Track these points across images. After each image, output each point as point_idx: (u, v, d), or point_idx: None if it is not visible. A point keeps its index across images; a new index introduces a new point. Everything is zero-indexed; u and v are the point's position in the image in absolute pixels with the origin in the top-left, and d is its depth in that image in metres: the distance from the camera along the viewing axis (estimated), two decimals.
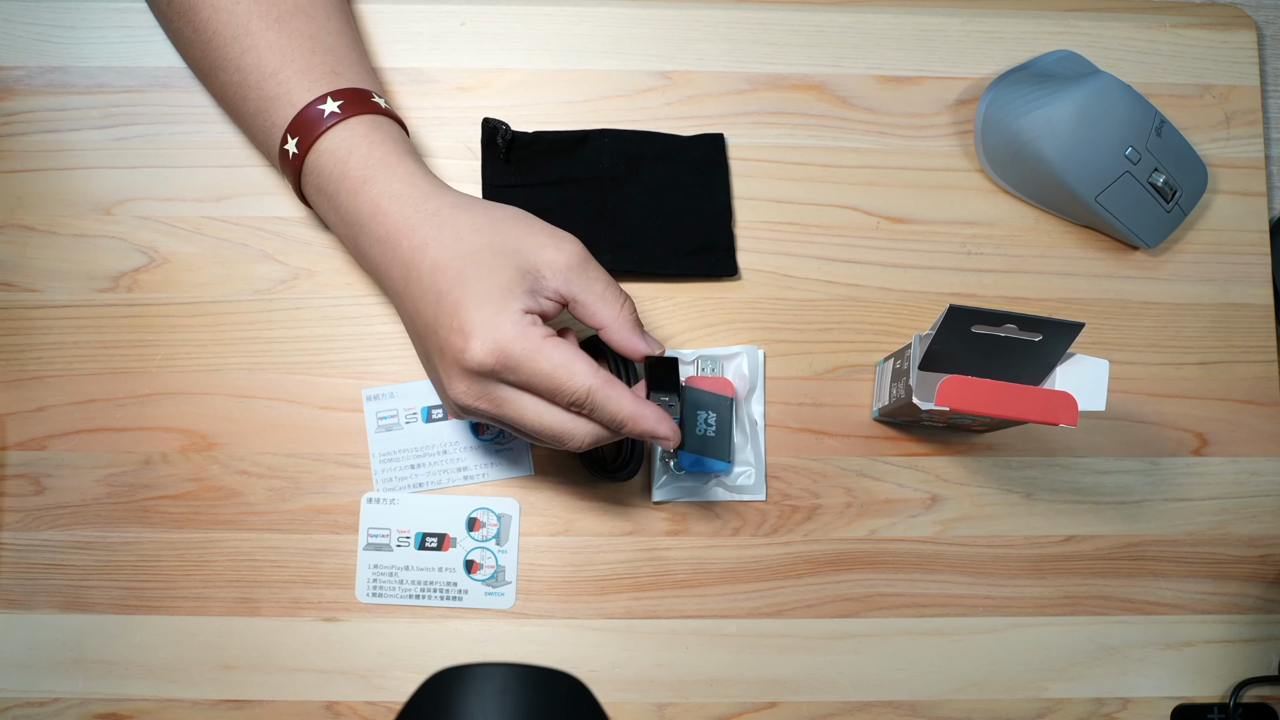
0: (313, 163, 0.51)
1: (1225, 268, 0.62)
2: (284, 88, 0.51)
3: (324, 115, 0.50)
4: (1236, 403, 0.62)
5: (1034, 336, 0.50)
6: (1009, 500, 0.60)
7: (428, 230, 0.48)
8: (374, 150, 0.50)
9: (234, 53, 0.52)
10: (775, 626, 0.58)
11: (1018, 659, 0.59)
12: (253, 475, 0.58)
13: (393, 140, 0.51)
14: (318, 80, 0.51)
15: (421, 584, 0.58)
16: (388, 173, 0.49)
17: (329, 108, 0.50)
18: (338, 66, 0.52)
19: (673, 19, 0.62)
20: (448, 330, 0.46)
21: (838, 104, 0.62)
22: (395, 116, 0.53)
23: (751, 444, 0.59)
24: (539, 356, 0.46)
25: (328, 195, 0.51)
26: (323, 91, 0.51)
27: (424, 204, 0.49)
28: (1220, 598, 0.60)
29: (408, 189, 0.49)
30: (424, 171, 0.50)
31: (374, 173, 0.49)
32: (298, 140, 0.50)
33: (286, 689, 0.57)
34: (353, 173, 0.50)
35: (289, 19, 0.52)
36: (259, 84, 0.52)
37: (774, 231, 0.61)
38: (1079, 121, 0.58)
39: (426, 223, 0.48)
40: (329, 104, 0.50)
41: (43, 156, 0.59)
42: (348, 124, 0.50)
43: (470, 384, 0.47)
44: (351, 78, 0.52)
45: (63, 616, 0.57)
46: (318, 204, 0.52)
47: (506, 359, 0.46)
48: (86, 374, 0.58)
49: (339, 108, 0.50)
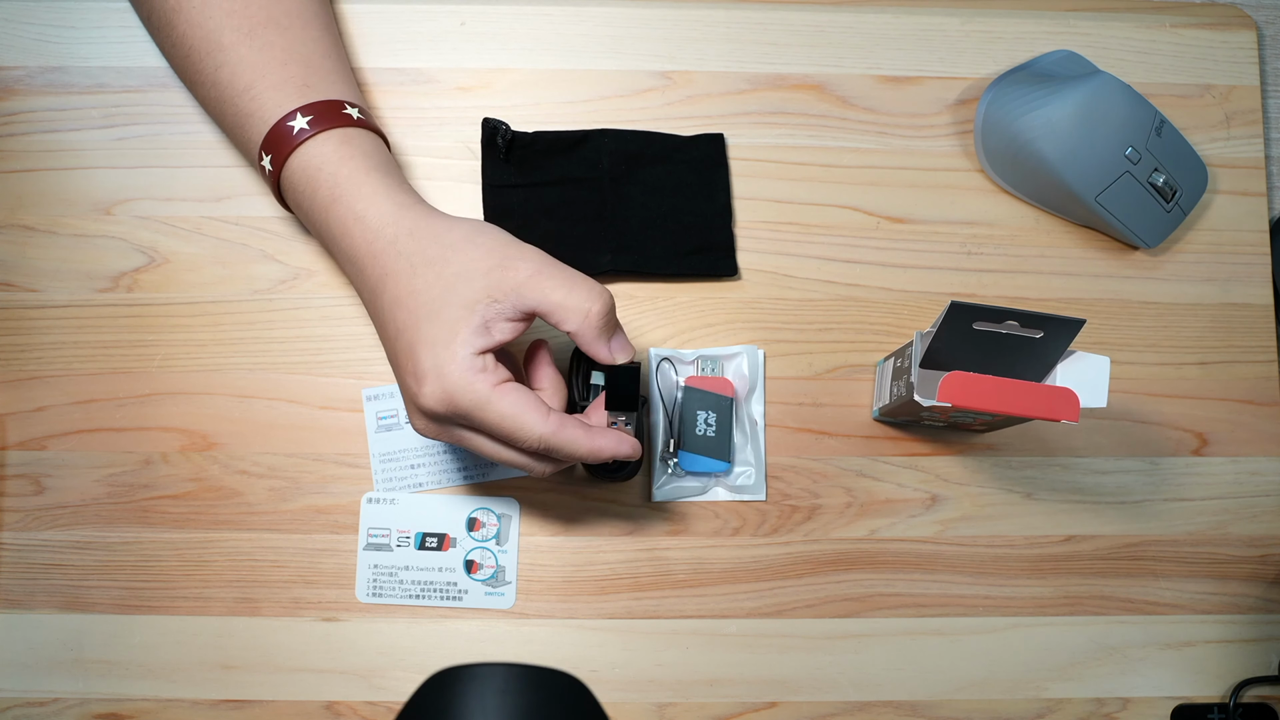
0: (287, 179, 0.51)
1: (1225, 268, 0.62)
2: (256, 103, 0.51)
3: (294, 132, 0.50)
4: (1236, 403, 0.62)
5: (1035, 333, 0.50)
6: (1009, 500, 0.60)
7: (387, 260, 0.48)
8: (341, 167, 0.50)
9: (209, 68, 0.52)
10: (775, 626, 0.58)
11: (1018, 659, 0.59)
12: (253, 475, 0.58)
13: (362, 155, 0.50)
14: (289, 95, 0.51)
15: (421, 584, 0.58)
16: (353, 191, 0.49)
17: (298, 124, 0.50)
18: (310, 79, 0.52)
19: (673, 19, 0.62)
20: (404, 371, 0.48)
21: (838, 104, 0.62)
22: (371, 126, 0.52)
23: (751, 444, 0.59)
24: (487, 408, 0.46)
25: (304, 211, 0.51)
26: (292, 107, 0.50)
27: (384, 229, 0.48)
28: (1220, 598, 0.60)
29: (372, 210, 0.49)
30: (390, 187, 0.50)
31: (340, 191, 0.49)
32: (271, 157, 0.51)
33: (286, 689, 0.57)
34: (321, 191, 0.50)
35: (261, 31, 0.52)
36: (233, 100, 0.52)
37: (774, 231, 0.61)
38: (1079, 121, 0.58)
39: (386, 250, 0.48)
40: (298, 120, 0.50)
41: (43, 156, 0.59)
42: (317, 140, 0.50)
43: (427, 423, 0.48)
44: (325, 89, 0.52)
45: (63, 616, 0.57)
46: (299, 216, 0.53)
47: (455, 408, 0.46)
48: (86, 374, 0.58)
49: (308, 124, 0.50)
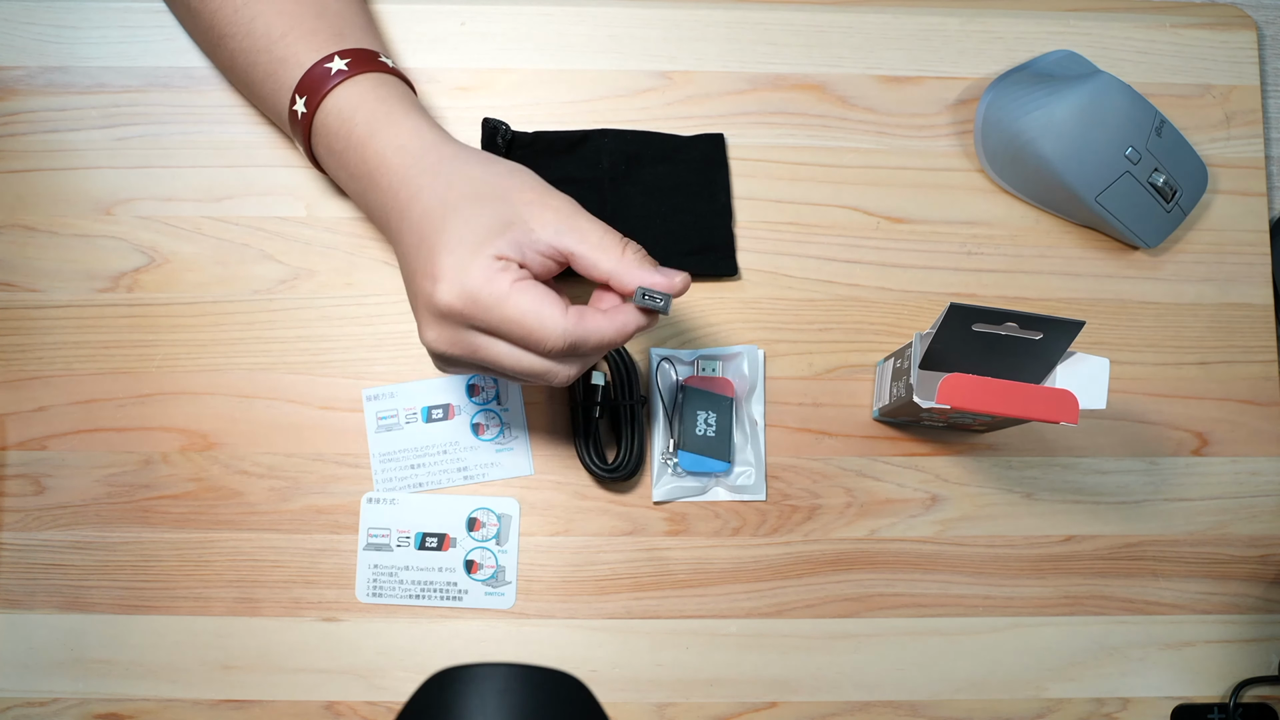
0: (320, 122, 0.51)
1: (1225, 268, 0.62)
2: (291, 49, 0.52)
3: (331, 73, 0.51)
4: (1236, 403, 0.62)
5: (1035, 335, 0.50)
6: (1009, 500, 0.60)
7: (423, 179, 0.48)
8: (380, 105, 0.50)
9: (243, 19, 0.53)
10: (775, 626, 0.58)
11: (1018, 659, 0.59)
12: (253, 475, 0.58)
13: (398, 96, 0.51)
14: (325, 41, 0.52)
15: (421, 584, 0.58)
16: (393, 126, 0.50)
17: (336, 65, 0.51)
18: (344, 29, 0.53)
19: (673, 19, 0.62)
20: (422, 275, 0.46)
21: (838, 104, 0.62)
22: (402, 75, 0.53)
23: (751, 444, 0.59)
24: (507, 303, 0.44)
25: (336, 154, 0.51)
26: (330, 51, 0.51)
27: (425, 155, 0.49)
28: (1220, 598, 0.60)
29: (413, 140, 0.49)
30: (429, 124, 0.51)
31: (379, 126, 0.50)
32: (306, 99, 0.51)
33: (286, 689, 0.57)
34: (359, 128, 0.50)
35: None
36: (268, 48, 0.52)
37: (774, 231, 0.61)
38: (1079, 121, 0.58)
39: (424, 173, 0.48)
40: (336, 62, 0.51)
41: (43, 156, 0.59)
42: (354, 81, 0.51)
43: (441, 330, 0.46)
44: (359, 38, 0.53)
45: (63, 616, 0.57)
46: (327, 164, 0.53)
47: (473, 303, 0.44)
48: (86, 374, 0.58)
49: (346, 65, 0.51)
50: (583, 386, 0.58)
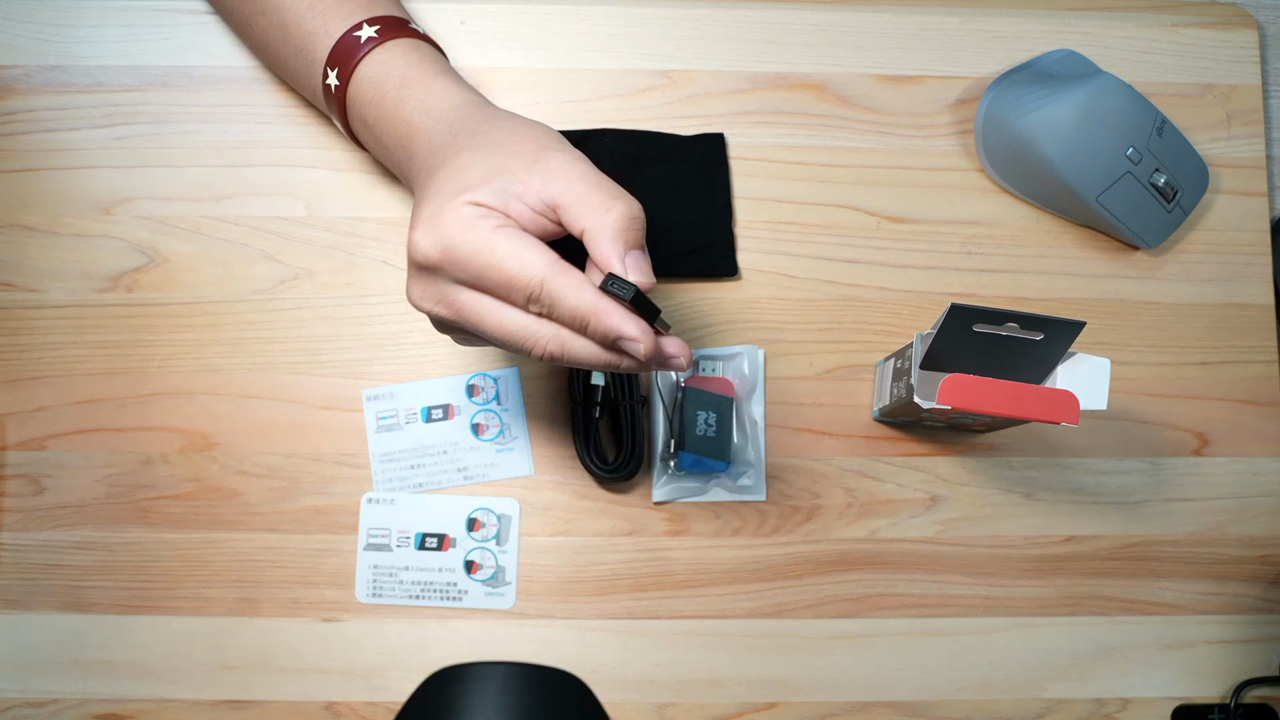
0: (354, 92, 0.51)
1: (1226, 268, 0.62)
2: (321, 20, 0.52)
3: (361, 41, 0.51)
4: (1237, 403, 0.61)
5: (1035, 335, 0.50)
6: (1009, 500, 0.60)
7: (442, 140, 0.47)
8: (410, 70, 0.50)
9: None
10: (775, 626, 0.58)
11: (1018, 659, 0.59)
12: (253, 475, 0.58)
13: (431, 59, 0.51)
14: (353, 10, 0.52)
15: (421, 584, 0.58)
16: (423, 89, 0.49)
17: (366, 33, 0.51)
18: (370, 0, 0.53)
19: (673, 18, 0.62)
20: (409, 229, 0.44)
21: (838, 103, 0.62)
22: (433, 41, 0.53)
23: (751, 444, 0.59)
24: (485, 247, 0.42)
25: (369, 126, 0.51)
26: (359, 19, 0.51)
27: (446, 115, 0.48)
28: (1221, 598, 0.60)
29: (442, 104, 0.49)
30: (461, 86, 0.50)
31: (410, 91, 0.49)
32: (338, 71, 0.51)
33: (286, 689, 0.57)
34: (390, 94, 0.50)
35: None
36: (297, 21, 0.53)
37: (774, 231, 0.61)
38: (1080, 121, 0.58)
39: (445, 133, 0.47)
40: (365, 30, 0.51)
41: (43, 156, 0.59)
42: (385, 47, 0.51)
43: (425, 284, 0.44)
44: (387, 6, 0.53)
45: (62, 616, 0.57)
46: (364, 138, 0.53)
47: (451, 251, 0.42)
48: (86, 374, 0.58)
49: (376, 33, 0.51)
50: (583, 386, 0.58)
